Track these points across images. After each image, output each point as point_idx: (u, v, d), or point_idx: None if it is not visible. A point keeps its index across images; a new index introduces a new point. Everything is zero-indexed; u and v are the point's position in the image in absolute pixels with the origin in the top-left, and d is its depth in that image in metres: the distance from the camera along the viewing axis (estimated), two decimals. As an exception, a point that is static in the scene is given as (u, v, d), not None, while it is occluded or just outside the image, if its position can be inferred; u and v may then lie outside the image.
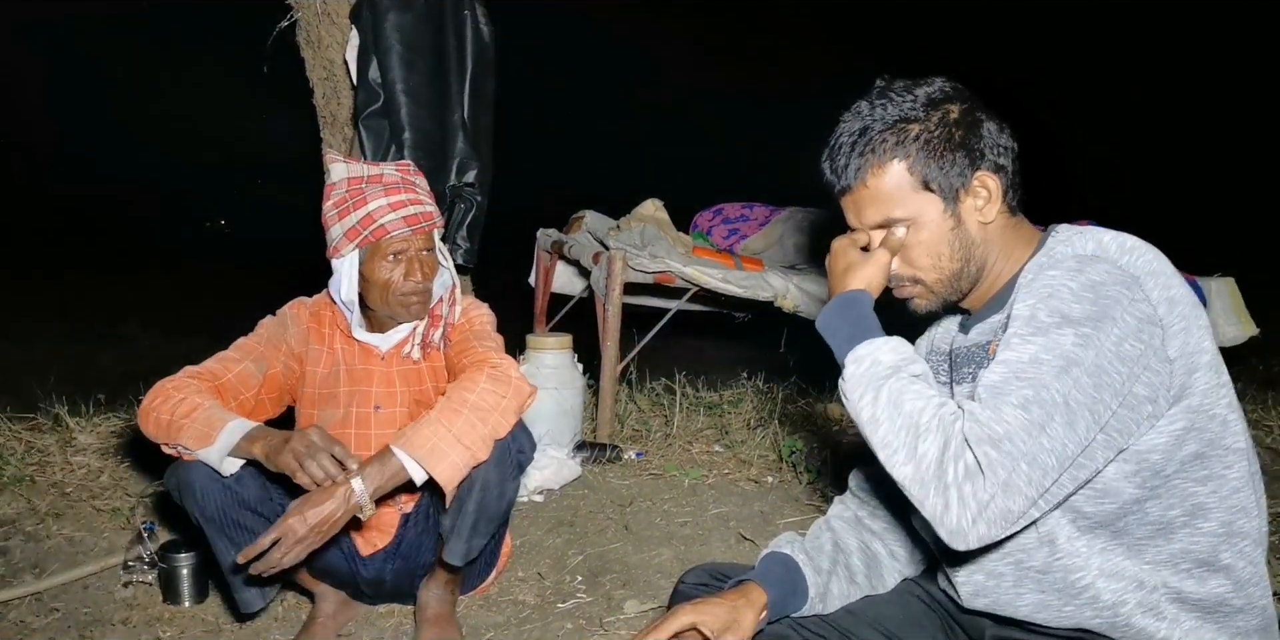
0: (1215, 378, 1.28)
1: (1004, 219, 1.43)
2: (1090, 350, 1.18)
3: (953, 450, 1.17)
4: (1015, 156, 1.42)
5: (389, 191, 2.14)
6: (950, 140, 1.38)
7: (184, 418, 1.91)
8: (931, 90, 1.40)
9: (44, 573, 2.54)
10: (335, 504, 1.78)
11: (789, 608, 1.56)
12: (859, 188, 1.43)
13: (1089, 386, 1.17)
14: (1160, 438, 1.25)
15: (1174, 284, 1.27)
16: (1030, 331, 1.22)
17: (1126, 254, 1.28)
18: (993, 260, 1.44)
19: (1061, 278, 1.24)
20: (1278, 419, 4.17)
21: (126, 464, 3.28)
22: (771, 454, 3.55)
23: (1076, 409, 1.17)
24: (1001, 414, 1.16)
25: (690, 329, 4.97)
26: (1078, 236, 1.34)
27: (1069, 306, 1.21)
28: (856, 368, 1.32)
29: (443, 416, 1.90)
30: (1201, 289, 4.01)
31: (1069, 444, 1.16)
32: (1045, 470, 1.15)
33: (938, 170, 1.38)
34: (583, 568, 2.63)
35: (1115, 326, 1.19)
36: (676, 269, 3.72)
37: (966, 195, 1.40)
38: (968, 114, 1.39)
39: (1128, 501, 1.28)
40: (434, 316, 2.27)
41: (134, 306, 9.22)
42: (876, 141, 1.40)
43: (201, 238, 19.79)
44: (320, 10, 3.42)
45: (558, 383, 3.51)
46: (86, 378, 4.67)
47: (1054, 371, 1.17)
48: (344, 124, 3.56)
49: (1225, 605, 1.31)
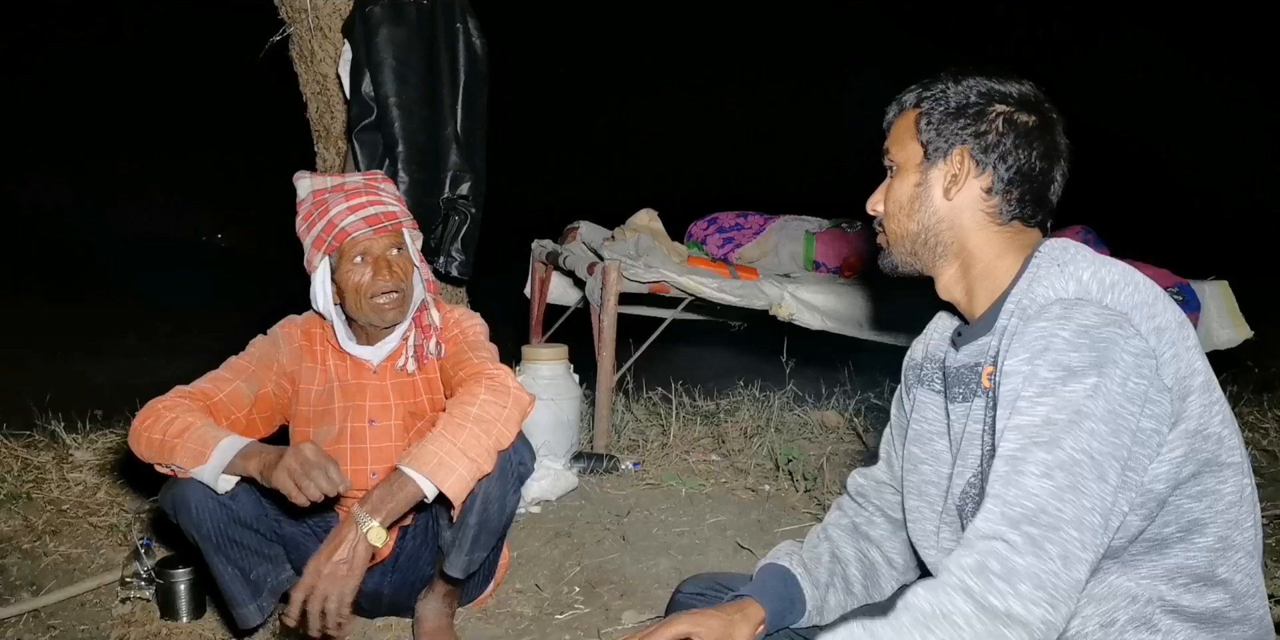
0: (1209, 396, 1.27)
1: (984, 218, 1.43)
2: (1100, 399, 1.16)
3: (977, 589, 1.10)
4: (1034, 175, 1.41)
5: (350, 196, 2.16)
6: (963, 113, 1.41)
7: (176, 437, 1.91)
8: (1022, 88, 1.43)
9: (41, 590, 2.54)
10: (347, 548, 1.78)
11: (786, 621, 1.55)
12: (894, 121, 1.51)
13: (1107, 434, 1.15)
14: (1163, 466, 1.24)
15: (1158, 312, 1.25)
16: (1037, 392, 1.19)
17: (1109, 292, 1.26)
18: (971, 253, 1.44)
19: (1052, 328, 1.22)
20: (1273, 422, 4.18)
21: (123, 480, 3.28)
22: (768, 462, 3.55)
23: (1103, 461, 1.15)
24: (1027, 489, 1.13)
25: (686, 338, 4.97)
26: (1056, 274, 1.31)
27: (1068, 357, 1.19)
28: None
29: (446, 431, 1.90)
30: (1195, 293, 4.01)
31: (1106, 497, 1.14)
32: (1094, 530, 1.12)
33: (931, 129, 1.43)
34: (580, 579, 2.63)
35: (1118, 368, 1.18)
36: (671, 279, 3.72)
37: (942, 162, 1.43)
38: (1016, 115, 1.41)
39: (1134, 533, 1.27)
40: (424, 328, 2.27)
41: (130, 323, 9.22)
42: (919, 95, 1.47)
43: (198, 253, 19.80)
44: (313, 25, 3.44)
45: (554, 394, 3.51)
46: (83, 395, 4.65)
47: (1070, 428, 1.15)
48: (337, 138, 3.57)
49: (1222, 617, 1.30)
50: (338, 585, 1.74)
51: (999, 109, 1.41)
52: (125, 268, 14.82)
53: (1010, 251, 1.42)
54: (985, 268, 1.43)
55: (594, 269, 3.77)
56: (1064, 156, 1.43)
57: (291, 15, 3.47)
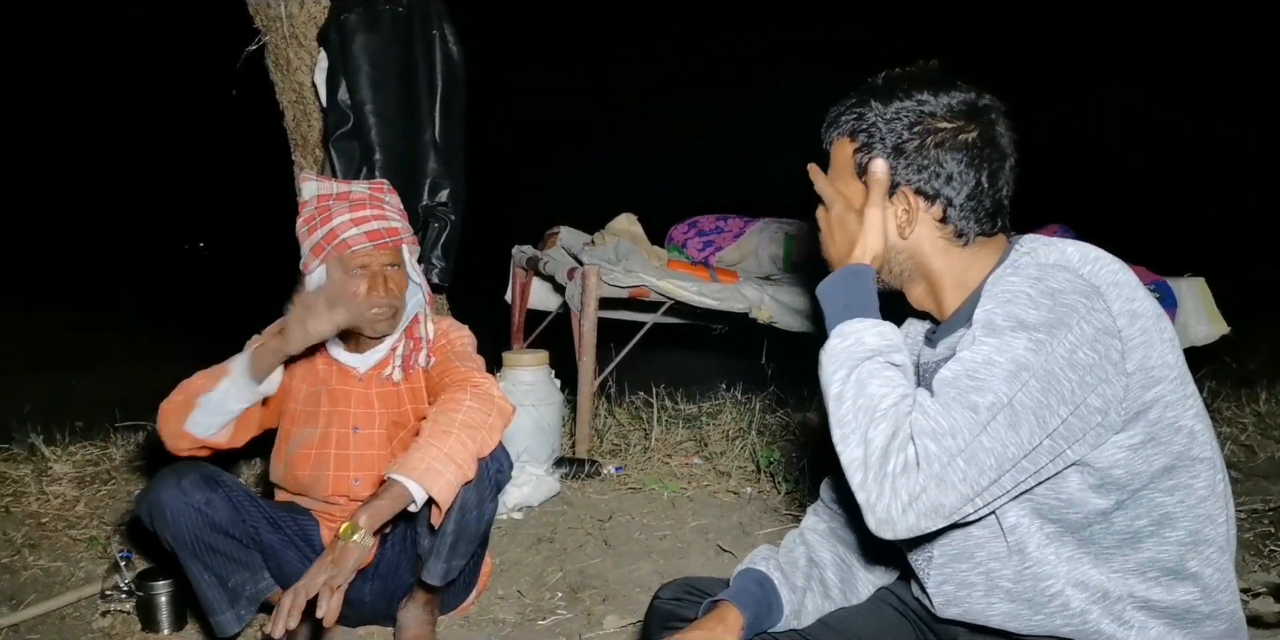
0: (1181, 390, 1.29)
1: (944, 244, 1.42)
2: (1041, 355, 1.19)
3: (899, 441, 1.19)
4: (985, 190, 1.39)
5: (354, 208, 2.16)
6: (901, 152, 1.39)
7: (196, 388, 1.99)
8: (952, 100, 1.39)
9: (20, 604, 2.52)
10: (329, 555, 1.78)
11: (764, 625, 1.55)
12: (831, 150, 1.49)
13: (1036, 391, 1.18)
14: (1120, 453, 1.26)
15: (1137, 296, 1.27)
16: (985, 333, 1.23)
17: (1089, 264, 1.29)
18: (937, 274, 1.44)
19: (1021, 284, 1.25)
20: (1251, 417, 4.21)
21: (103, 493, 3.27)
22: (750, 465, 3.56)
23: (1021, 412, 1.18)
24: (949, 410, 1.18)
25: (667, 341, 4.97)
26: (1042, 247, 1.34)
27: (1025, 312, 1.22)
28: (840, 342, 1.32)
29: (433, 439, 1.91)
30: (1172, 290, 4.04)
31: (1009, 446, 1.18)
32: (982, 469, 1.17)
33: (875, 169, 1.41)
34: (563, 584, 2.63)
35: (1070, 334, 1.20)
36: (651, 283, 3.73)
37: (891, 203, 1.42)
38: (954, 137, 1.37)
39: (1093, 512, 1.29)
40: (414, 339, 2.27)
41: (110, 334, 9.17)
42: (845, 116, 1.44)
43: (179, 260, 19.72)
44: (288, 33, 3.43)
45: (535, 399, 3.51)
46: (61, 407, 4.63)
47: (1004, 374, 1.19)
48: (314, 146, 3.57)
49: (1193, 612, 1.32)
50: (332, 569, 1.75)
51: (936, 137, 1.38)
52: (103, 277, 14.76)
53: (979, 260, 1.43)
54: (955, 281, 1.44)
55: (574, 274, 3.77)
56: (1011, 152, 1.41)
57: (266, 24, 3.46)
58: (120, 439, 3.74)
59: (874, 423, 1.22)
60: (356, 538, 1.79)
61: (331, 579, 1.74)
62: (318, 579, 1.73)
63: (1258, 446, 3.87)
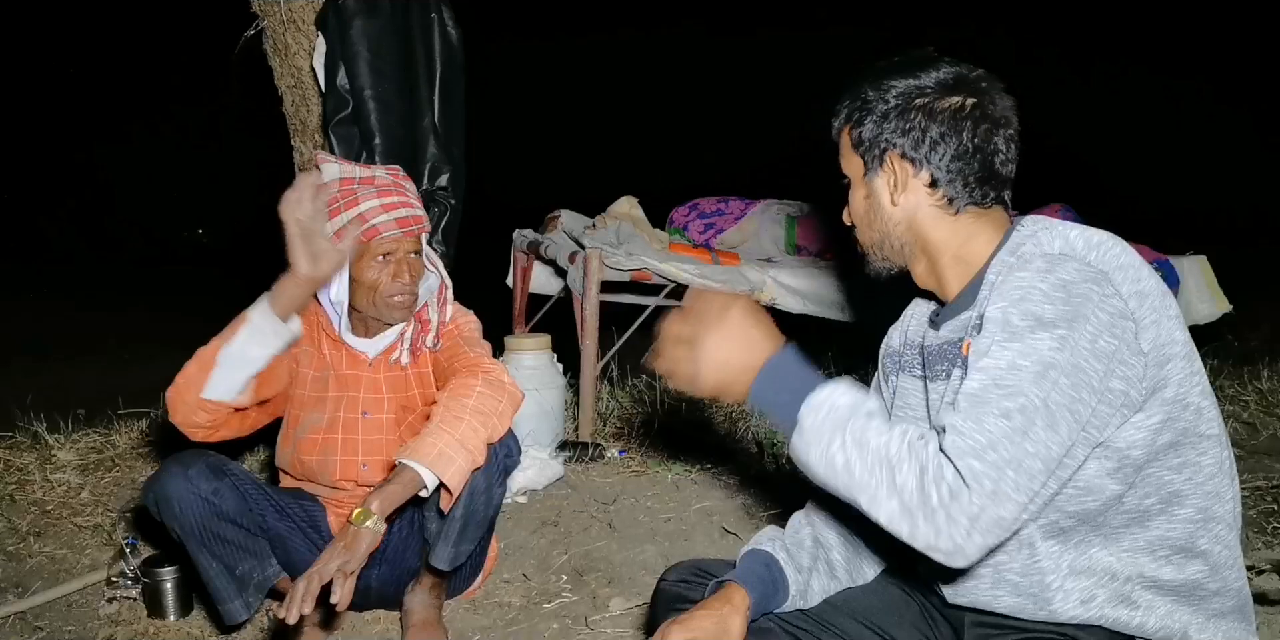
0: (1189, 366, 1.29)
1: (937, 212, 1.43)
2: (1066, 351, 1.18)
3: (931, 474, 1.15)
4: (973, 154, 1.39)
5: (382, 193, 2.13)
6: (886, 118, 1.42)
7: (213, 350, 1.93)
8: (941, 73, 1.41)
9: (27, 592, 2.53)
10: (340, 541, 1.78)
11: (770, 606, 1.56)
12: (837, 137, 1.52)
13: (1068, 387, 1.17)
14: (1140, 433, 1.26)
15: (1143, 276, 1.27)
16: (1006, 337, 1.21)
17: (1094, 250, 1.29)
18: (935, 248, 1.45)
19: (1031, 279, 1.24)
20: (1254, 394, 4.21)
21: (107, 480, 3.27)
22: (753, 447, 3.56)
23: (1057, 411, 1.16)
24: (983, 424, 1.15)
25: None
26: (1044, 232, 1.34)
27: (1041, 308, 1.21)
28: (815, 417, 1.25)
29: (445, 424, 1.91)
30: (1174, 268, 4.04)
31: (1053, 446, 1.16)
32: (1032, 474, 1.14)
33: (863, 140, 1.45)
34: (568, 567, 2.64)
35: (1089, 324, 1.19)
36: (653, 266, 3.72)
37: (880, 170, 1.45)
38: (937, 102, 1.39)
39: (1110, 498, 1.29)
40: (422, 321, 2.27)
41: (110, 322, 9.17)
42: (850, 109, 1.47)
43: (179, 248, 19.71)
44: (286, 18, 3.41)
45: (538, 383, 3.51)
46: (64, 395, 4.63)
47: (1032, 376, 1.17)
48: (314, 131, 3.55)
49: (1201, 589, 1.32)
50: (344, 555, 1.76)
51: (918, 102, 1.40)
52: (102, 265, 14.75)
53: (980, 233, 1.43)
54: (954, 256, 1.44)
55: (575, 258, 3.77)
56: (1006, 123, 1.41)
57: (264, 8, 3.44)
58: (123, 426, 3.75)
59: (896, 469, 1.18)
60: (369, 523, 1.79)
61: (345, 565, 1.74)
62: (331, 565, 1.74)
63: (1260, 424, 3.88)
